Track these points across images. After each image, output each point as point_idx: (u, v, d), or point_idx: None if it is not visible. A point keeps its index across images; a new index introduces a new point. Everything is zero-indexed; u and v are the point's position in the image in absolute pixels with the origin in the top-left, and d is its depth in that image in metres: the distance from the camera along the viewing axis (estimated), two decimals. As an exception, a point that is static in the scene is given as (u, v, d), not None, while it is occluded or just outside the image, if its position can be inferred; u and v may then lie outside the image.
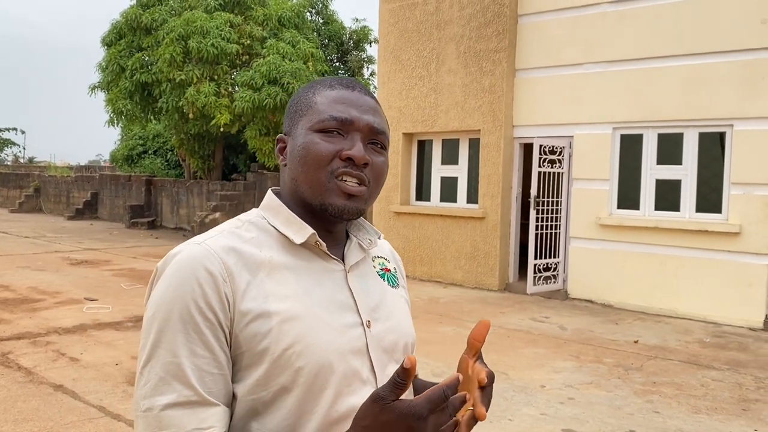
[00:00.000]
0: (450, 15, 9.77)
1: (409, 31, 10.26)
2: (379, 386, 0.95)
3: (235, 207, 15.54)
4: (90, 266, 10.57)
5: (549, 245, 8.99)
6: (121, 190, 19.56)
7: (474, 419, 0.91)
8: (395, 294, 1.15)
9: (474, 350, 0.99)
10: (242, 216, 1.08)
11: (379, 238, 1.16)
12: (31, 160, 46.67)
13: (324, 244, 1.04)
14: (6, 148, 39.19)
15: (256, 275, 0.97)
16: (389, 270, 1.18)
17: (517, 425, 4.24)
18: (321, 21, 19.54)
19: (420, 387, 1.23)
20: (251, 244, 1.01)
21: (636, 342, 6.55)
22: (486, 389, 0.97)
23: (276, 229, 1.05)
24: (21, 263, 10.65)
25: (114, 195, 19.93)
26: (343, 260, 1.08)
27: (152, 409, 0.90)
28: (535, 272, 8.87)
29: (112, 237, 15.40)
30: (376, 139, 1.06)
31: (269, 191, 1.11)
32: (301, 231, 1.03)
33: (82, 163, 44.73)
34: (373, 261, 1.16)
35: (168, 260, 0.98)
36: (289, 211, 1.06)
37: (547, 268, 9.02)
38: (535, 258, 8.84)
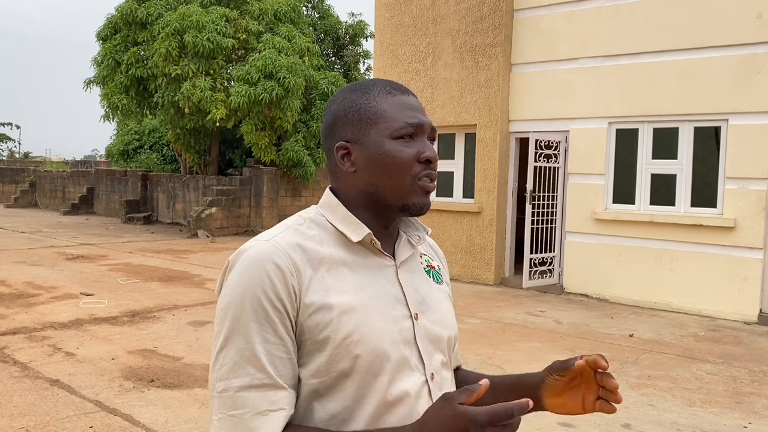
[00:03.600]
0: (446, 9, 9.76)
1: (405, 26, 10.25)
2: (426, 373, 1.10)
3: (231, 202, 15.51)
4: (86, 261, 10.56)
5: (545, 240, 9.01)
6: (116, 185, 19.52)
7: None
8: (439, 290, 1.24)
9: (587, 378, 1.14)
10: (303, 213, 1.16)
11: (428, 233, 1.25)
12: (26, 155, 46.51)
13: (378, 242, 1.12)
14: (1, 143, 39.04)
15: (317, 270, 1.06)
16: (434, 267, 1.27)
17: (513, 419, 4.26)
18: (317, 15, 19.51)
19: (468, 379, 1.32)
20: (313, 240, 1.10)
21: (631, 336, 6.58)
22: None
23: (334, 227, 1.13)
24: (17, 258, 10.63)
25: (110, 190, 19.88)
26: (393, 256, 1.16)
27: (227, 390, 0.99)
28: (530, 266, 8.89)
29: (108, 232, 15.37)
30: (432, 136, 1.17)
31: (327, 190, 1.19)
32: (358, 230, 1.11)
33: (78, 158, 44.63)
34: (420, 258, 1.24)
35: (239, 254, 1.07)
36: (346, 210, 1.14)
37: (542, 263, 9.04)
38: (531, 252, 8.86)
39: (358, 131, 1.13)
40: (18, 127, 37.86)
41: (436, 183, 1.14)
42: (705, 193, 7.85)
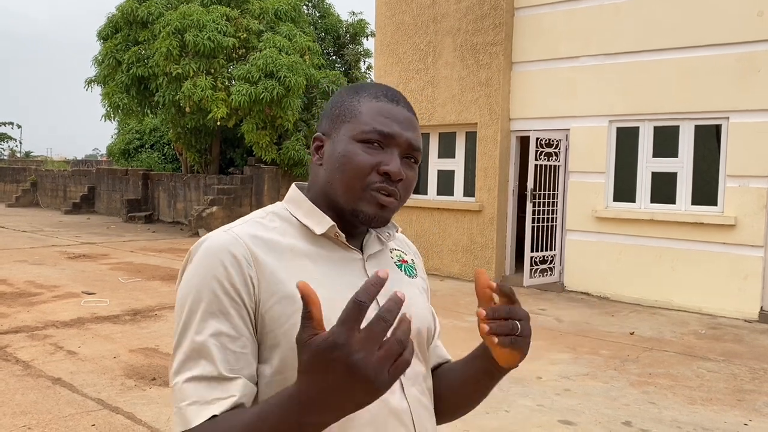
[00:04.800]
0: (446, 8, 9.76)
1: (405, 25, 10.25)
2: None
3: (232, 201, 15.52)
4: (87, 260, 10.57)
5: (545, 238, 9.01)
6: (118, 184, 19.53)
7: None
8: (411, 283, 1.20)
9: (486, 299, 1.05)
10: (267, 207, 1.13)
11: (396, 231, 1.21)
12: (27, 154, 46.55)
13: (343, 235, 1.09)
14: (2, 143, 39.07)
15: (280, 260, 1.03)
16: (406, 261, 1.23)
17: (514, 416, 4.27)
18: (317, 14, 19.50)
19: (453, 370, 1.25)
20: (275, 232, 1.07)
21: (632, 334, 6.58)
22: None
23: (298, 220, 1.10)
24: (18, 257, 10.64)
25: (111, 189, 19.90)
26: (362, 250, 1.13)
27: (177, 383, 0.95)
28: (531, 265, 8.89)
29: (110, 231, 15.39)
30: (412, 155, 1.10)
31: (293, 185, 1.16)
32: (321, 222, 1.08)
33: (79, 158, 44.66)
34: (391, 253, 1.21)
35: (198, 246, 1.04)
36: (311, 204, 1.11)
37: (543, 261, 9.05)
38: (532, 251, 8.87)
39: (332, 126, 1.11)
40: (19, 127, 37.91)
41: (396, 200, 1.08)
42: (706, 191, 7.85)
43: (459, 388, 1.21)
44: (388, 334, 0.76)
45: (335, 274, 1.06)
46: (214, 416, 0.91)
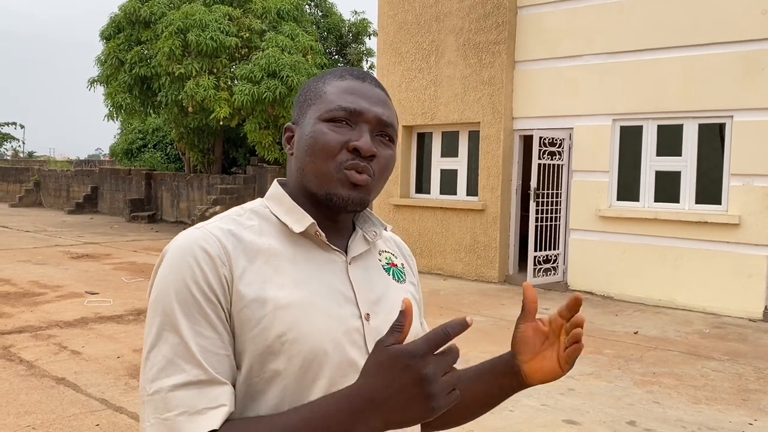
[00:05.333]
0: (449, 7, 9.75)
1: (408, 23, 10.24)
2: None
3: (235, 200, 15.54)
4: (91, 260, 10.58)
5: (549, 237, 9.00)
6: (121, 184, 19.55)
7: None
8: (400, 289, 1.13)
9: (532, 313, 1.08)
10: (245, 205, 1.08)
11: (385, 229, 1.15)
12: (30, 154, 46.65)
13: (323, 234, 1.03)
14: (5, 143, 39.14)
15: (253, 261, 0.97)
16: (396, 265, 1.16)
17: (518, 416, 4.26)
18: (320, 14, 19.49)
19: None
20: (251, 231, 1.01)
21: (636, 333, 6.57)
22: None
23: (277, 218, 1.04)
24: (22, 257, 10.66)
25: (114, 189, 19.92)
26: (346, 251, 1.07)
27: (160, 392, 0.88)
28: (535, 264, 8.88)
29: (113, 231, 15.41)
30: (384, 131, 1.05)
31: (275, 181, 1.11)
32: (301, 220, 1.02)
33: (82, 158, 44.72)
34: (380, 255, 1.15)
35: (170, 246, 0.98)
36: (292, 201, 1.05)
37: (547, 260, 9.03)
38: (535, 250, 8.85)
39: (300, 113, 1.07)
40: (22, 127, 37.93)
41: (370, 177, 1.01)
42: (710, 190, 7.83)
43: (464, 401, 1.11)
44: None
45: (314, 275, 1.00)
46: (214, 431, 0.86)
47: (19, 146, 42.82)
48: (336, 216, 1.06)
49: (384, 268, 1.13)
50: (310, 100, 1.06)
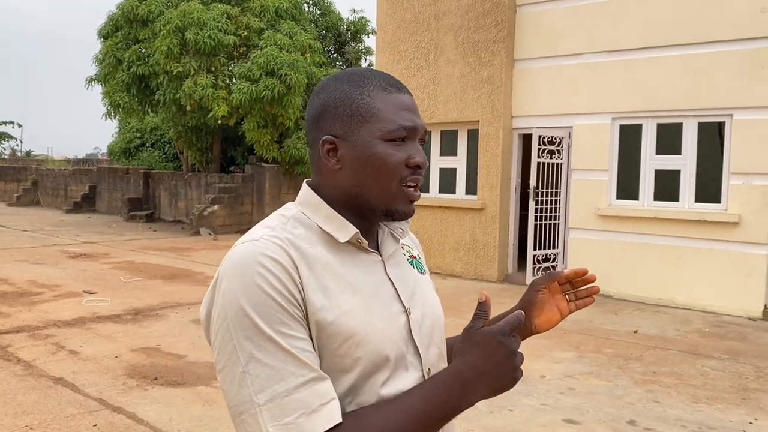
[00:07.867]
0: (448, 5, 9.72)
1: (407, 22, 10.22)
2: (423, 368, 1.08)
3: (233, 199, 15.51)
4: (88, 259, 10.56)
5: (548, 236, 8.98)
6: (119, 183, 19.52)
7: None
8: (424, 280, 1.21)
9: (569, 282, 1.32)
10: (284, 212, 1.09)
11: (408, 226, 1.21)
12: (28, 153, 46.54)
13: (366, 241, 1.08)
14: (3, 142, 39.05)
15: (313, 269, 1.01)
16: (415, 257, 1.24)
17: (518, 415, 4.25)
18: (318, 12, 19.46)
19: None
20: (302, 240, 1.04)
21: (635, 332, 6.56)
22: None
23: (318, 226, 1.07)
24: (19, 257, 10.63)
25: (112, 188, 19.88)
26: (378, 251, 1.12)
27: (274, 399, 0.92)
28: (534, 263, 8.87)
29: (111, 230, 15.37)
30: (423, 139, 1.13)
31: (305, 184, 1.13)
32: (344, 229, 1.06)
33: (80, 157, 44.66)
34: (402, 248, 1.21)
35: (225, 265, 1.00)
36: (329, 208, 1.08)
37: (546, 259, 9.02)
38: (534, 249, 8.84)
39: (347, 127, 1.06)
40: (20, 126, 37.84)
41: (420, 192, 1.11)
42: (709, 189, 7.81)
43: None
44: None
45: (364, 280, 1.06)
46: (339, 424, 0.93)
47: (17, 145, 42.74)
48: (373, 222, 1.12)
49: (408, 262, 1.20)
50: (361, 116, 1.06)
